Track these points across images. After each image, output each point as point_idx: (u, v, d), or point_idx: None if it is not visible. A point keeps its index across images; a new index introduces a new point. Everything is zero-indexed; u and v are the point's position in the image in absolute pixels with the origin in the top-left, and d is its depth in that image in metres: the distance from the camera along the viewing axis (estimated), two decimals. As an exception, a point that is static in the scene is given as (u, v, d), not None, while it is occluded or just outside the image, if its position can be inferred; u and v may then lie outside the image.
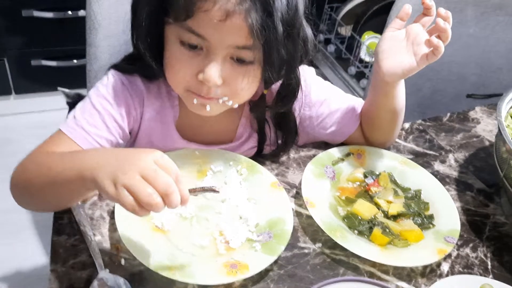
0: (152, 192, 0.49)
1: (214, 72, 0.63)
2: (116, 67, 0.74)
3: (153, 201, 0.49)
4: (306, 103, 0.81)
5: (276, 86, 0.75)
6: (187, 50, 0.64)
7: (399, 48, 0.71)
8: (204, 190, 0.62)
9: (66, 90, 1.36)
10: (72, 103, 1.36)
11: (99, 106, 0.69)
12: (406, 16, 0.73)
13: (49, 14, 1.69)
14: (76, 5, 1.70)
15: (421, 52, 0.69)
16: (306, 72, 0.80)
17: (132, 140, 0.78)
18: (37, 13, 1.67)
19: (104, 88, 0.71)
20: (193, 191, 0.59)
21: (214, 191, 0.62)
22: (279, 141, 0.82)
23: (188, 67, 0.65)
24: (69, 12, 1.71)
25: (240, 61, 0.64)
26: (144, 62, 0.68)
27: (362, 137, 0.85)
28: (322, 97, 0.82)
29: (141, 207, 0.49)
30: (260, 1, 0.59)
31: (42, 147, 0.66)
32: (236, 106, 0.70)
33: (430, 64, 0.70)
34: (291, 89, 0.74)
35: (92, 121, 0.68)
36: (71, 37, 1.75)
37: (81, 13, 1.71)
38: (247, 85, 0.67)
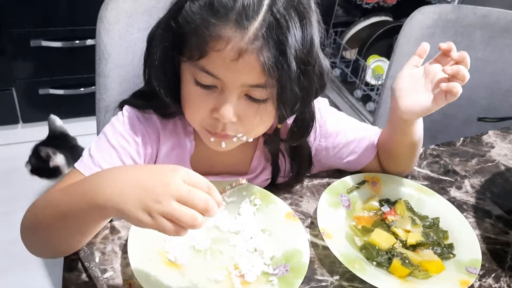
0: (193, 213, 0.48)
1: (228, 110, 0.62)
2: (129, 103, 0.73)
3: (196, 222, 0.48)
4: (322, 134, 0.80)
5: (290, 119, 0.73)
6: (202, 88, 0.63)
7: (417, 86, 0.70)
8: (232, 186, 0.59)
9: (57, 123, 1.35)
10: (50, 137, 1.35)
11: (116, 143, 0.68)
12: (424, 52, 0.72)
13: (57, 44, 1.71)
14: (84, 35, 1.72)
15: (439, 92, 0.68)
16: (320, 103, 0.79)
17: None
18: (45, 43, 1.69)
19: (120, 125, 0.70)
20: (223, 191, 0.57)
21: (241, 184, 0.59)
22: (293, 173, 0.81)
23: (203, 105, 0.64)
24: (77, 42, 1.73)
25: (254, 98, 0.63)
26: (159, 100, 0.67)
27: (379, 166, 0.84)
28: (338, 128, 0.81)
29: (182, 228, 0.49)
30: (273, 39, 0.58)
31: (56, 186, 0.64)
32: (251, 140, 0.69)
33: None
34: (305, 123, 0.73)
35: (110, 159, 0.67)
36: (79, 65, 1.77)
37: (89, 42, 1.73)
38: (261, 122, 0.66)
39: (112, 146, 0.68)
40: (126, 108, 0.72)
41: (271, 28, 0.57)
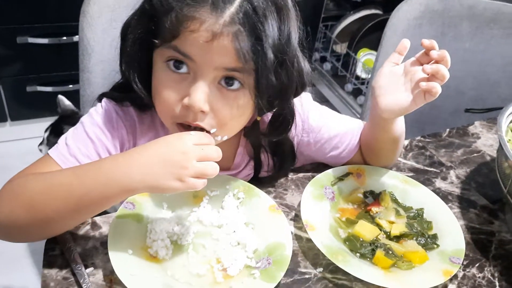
0: (212, 164, 0.57)
1: (199, 94, 0.60)
2: (107, 95, 0.72)
3: (217, 169, 0.57)
4: (304, 129, 0.80)
5: (270, 115, 0.73)
6: (173, 73, 0.62)
7: (397, 85, 0.69)
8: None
9: (66, 102, 1.34)
10: (62, 117, 1.35)
11: (93, 135, 0.68)
12: (404, 50, 0.70)
13: (44, 40, 1.69)
14: (71, 31, 1.70)
15: (419, 92, 0.67)
16: (302, 98, 0.78)
17: None
18: (32, 40, 1.68)
19: (98, 117, 0.69)
20: None
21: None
22: (275, 168, 0.80)
23: (174, 93, 0.63)
24: (64, 38, 1.71)
25: (229, 84, 0.62)
26: (136, 93, 0.67)
27: (362, 160, 0.84)
28: (320, 123, 0.80)
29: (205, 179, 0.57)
30: (249, 25, 0.57)
31: (26, 171, 0.64)
32: (225, 138, 0.67)
33: None
34: (285, 120, 0.72)
35: (86, 150, 0.67)
36: (66, 62, 1.76)
37: (76, 38, 1.69)
38: (237, 113, 0.65)
39: (89, 138, 0.67)
40: (104, 100, 0.71)
41: (247, 15, 0.57)
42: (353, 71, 2.13)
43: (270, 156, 0.79)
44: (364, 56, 2.13)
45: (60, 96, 1.36)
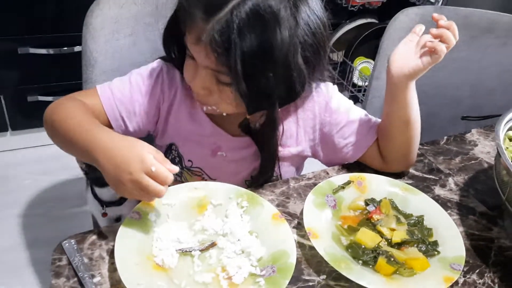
0: (157, 187, 0.62)
1: (196, 82, 0.73)
2: (163, 57, 0.84)
3: (155, 193, 0.62)
4: (326, 109, 0.85)
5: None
6: (189, 59, 0.74)
7: (409, 53, 0.78)
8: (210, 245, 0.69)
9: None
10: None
11: (134, 81, 0.81)
12: (420, 31, 0.80)
13: (45, 51, 1.70)
14: (71, 41, 1.72)
15: (425, 52, 0.76)
16: (329, 84, 0.86)
17: (162, 123, 0.86)
18: (33, 50, 1.69)
19: (145, 70, 0.82)
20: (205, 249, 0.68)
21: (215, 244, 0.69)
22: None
23: (188, 74, 0.75)
24: (65, 48, 1.72)
25: (218, 79, 0.71)
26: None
27: (379, 154, 0.87)
28: (342, 106, 0.87)
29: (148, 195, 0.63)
30: (225, 37, 0.63)
31: (76, 94, 0.79)
32: (224, 114, 0.78)
33: (424, 88, 0.73)
34: (270, 125, 0.78)
35: (122, 88, 0.80)
36: (67, 72, 1.77)
37: (77, 48, 1.73)
38: (227, 101, 0.73)
39: (129, 81, 0.81)
40: (158, 61, 0.84)
41: (227, 27, 0.63)
42: (350, 79, 2.15)
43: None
44: (361, 64, 2.16)
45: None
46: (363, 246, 0.71)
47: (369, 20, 2.26)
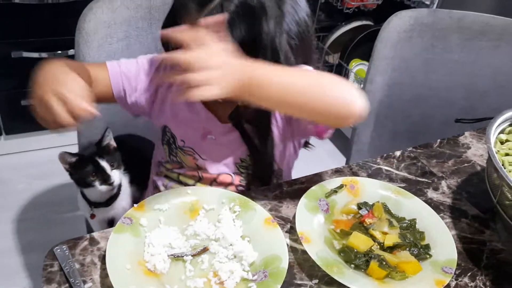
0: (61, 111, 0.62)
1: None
2: None
3: (63, 118, 0.62)
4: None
5: None
6: None
7: None
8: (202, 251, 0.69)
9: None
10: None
11: (140, 61, 0.86)
12: None
13: (38, 54, 1.70)
14: (65, 45, 1.71)
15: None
16: None
17: (159, 105, 0.88)
18: (26, 54, 1.68)
19: (151, 56, 0.86)
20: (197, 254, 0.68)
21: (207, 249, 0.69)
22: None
23: None
24: (59, 52, 1.72)
25: None
26: None
27: None
28: None
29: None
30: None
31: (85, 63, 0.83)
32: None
33: (418, 90, 0.72)
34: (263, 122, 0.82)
35: (129, 65, 0.85)
36: (61, 76, 1.76)
37: (71, 52, 1.72)
38: None
39: (136, 62, 0.86)
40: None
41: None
42: (345, 81, 2.15)
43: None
44: (356, 66, 2.16)
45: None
46: (355, 250, 0.71)
47: (364, 22, 2.26)
